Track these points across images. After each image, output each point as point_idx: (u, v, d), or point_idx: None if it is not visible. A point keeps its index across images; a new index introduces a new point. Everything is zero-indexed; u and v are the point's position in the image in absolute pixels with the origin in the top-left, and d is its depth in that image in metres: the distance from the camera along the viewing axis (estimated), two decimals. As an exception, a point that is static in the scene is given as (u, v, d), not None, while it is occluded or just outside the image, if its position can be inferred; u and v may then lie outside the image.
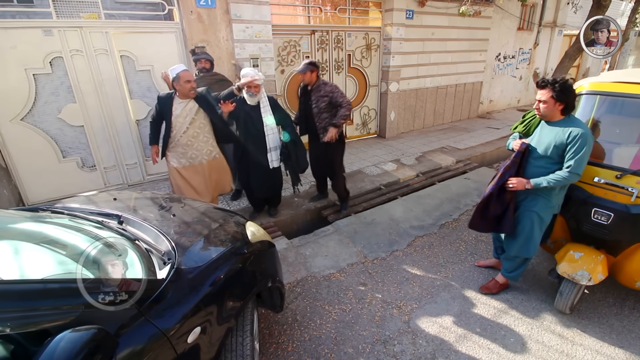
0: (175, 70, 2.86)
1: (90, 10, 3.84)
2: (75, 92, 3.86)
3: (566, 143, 2.01)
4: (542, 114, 2.10)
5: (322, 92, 3.31)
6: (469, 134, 6.96)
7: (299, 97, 3.59)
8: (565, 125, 2.04)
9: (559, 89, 1.97)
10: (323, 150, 3.49)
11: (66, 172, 4.04)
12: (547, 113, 2.07)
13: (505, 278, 2.60)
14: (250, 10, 4.48)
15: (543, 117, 2.13)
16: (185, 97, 2.94)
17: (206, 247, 1.65)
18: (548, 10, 9.20)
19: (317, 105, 3.34)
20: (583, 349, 2.16)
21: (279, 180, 3.56)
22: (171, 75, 2.87)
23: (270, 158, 3.26)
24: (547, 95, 2.01)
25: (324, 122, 3.37)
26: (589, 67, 11.77)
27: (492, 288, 2.62)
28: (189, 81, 2.87)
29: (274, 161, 3.28)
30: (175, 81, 2.86)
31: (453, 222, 3.71)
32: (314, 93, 3.34)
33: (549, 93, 2.00)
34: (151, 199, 2.17)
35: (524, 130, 2.32)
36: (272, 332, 2.31)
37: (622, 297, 2.58)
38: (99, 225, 1.59)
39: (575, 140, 1.98)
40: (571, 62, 6.21)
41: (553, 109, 2.04)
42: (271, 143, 3.23)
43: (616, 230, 2.15)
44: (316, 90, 3.33)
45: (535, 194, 2.21)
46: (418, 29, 6.48)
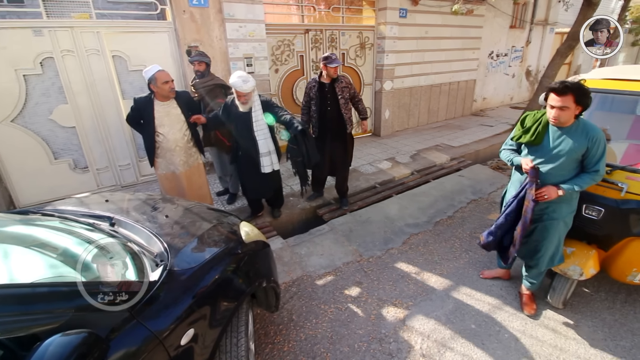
0: (150, 71, 2.72)
1: (81, 10, 3.80)
2: (66, 93, 3.82)
3: (588, 147, 1.92)
4: (560, 121, 1.93)
5: (344, 84, 3.41)
6: (462, 132, 6.99)
7: (313, 96, 3.47)
8: (582, 129, 1.94)
9: (581, 93, 1.84)
10: (345, 142, 3.61)
11: (58, 174, 4.00)
12: (566, 119, 1.92)
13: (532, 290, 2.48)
14: (243, 10, 4.46)
15: (560, 124, 1.96)
16: (166, 99, 2.83)
17: (199, 248, 1.65)
18: (539, 9, 9.27)
19: (343, 95, 3.40)
20: (576, 343, 2.19)
21: (275, 183, 3.46)
22: (146, 77, 2.74)
23: (262, 163, 3.13)
24: (570, 101, 1.85)
25: (350, 112, 3.49)
26: (580, 64, 11.88)
27: (533, 302, 2.46)
28: (167, 82, 2.75)
29: (266, 167, 3.14)
30: (152, 83, 2.73)
31: (447, 220, 3.73)
32: (338, 85, 3.39)
33: (572, 98, 1.85)
34: (144, 200, 2.15)
35: (533, 139, 2.06)
36: (268, 332, 2.31)
37: (614, 291, 2.61)
38: (90, 228, 1.58)
39: (597, 143, 1.91)
40: (562, 60, 6.27)
41: (572, 115, 1.91)
42: (262, 148, 3.08)
43: (607, 225, 2.18)
44: (338, 82, 3.39)
45: (558, 203, 2.07)
46: (412, 27, 6.50)
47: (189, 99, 3.08)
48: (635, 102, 2.49)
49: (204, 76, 3.52)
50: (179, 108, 2.92)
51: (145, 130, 2.92)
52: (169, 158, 3.00)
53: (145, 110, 2.83)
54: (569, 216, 2.13)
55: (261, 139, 3.06)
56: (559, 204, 2.08)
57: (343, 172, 3.81)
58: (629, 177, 2.10)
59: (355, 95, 3.50)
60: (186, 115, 2.97)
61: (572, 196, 2.09)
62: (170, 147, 2.95)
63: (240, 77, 2.85)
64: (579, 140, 1.94)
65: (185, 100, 2.99)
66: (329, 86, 3.39)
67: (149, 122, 2.85)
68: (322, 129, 3.56)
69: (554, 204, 2.09)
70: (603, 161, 1.96)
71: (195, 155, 3.17)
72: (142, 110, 2.85)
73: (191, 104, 3.09)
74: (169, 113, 2.87)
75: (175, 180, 3.09)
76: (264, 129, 3.06)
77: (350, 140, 3.69)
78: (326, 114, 3.48)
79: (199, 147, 3.20)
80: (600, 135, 1.92)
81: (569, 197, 2.08)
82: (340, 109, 3.42)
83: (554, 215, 2.11)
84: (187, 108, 2.98)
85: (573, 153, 1.95)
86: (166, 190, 3.14)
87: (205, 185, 3.39)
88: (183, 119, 2.96)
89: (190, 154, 3.11)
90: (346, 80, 3.44)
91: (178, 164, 3.03)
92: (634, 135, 2.38)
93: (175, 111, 2.90)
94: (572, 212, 2.14)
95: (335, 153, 3.66)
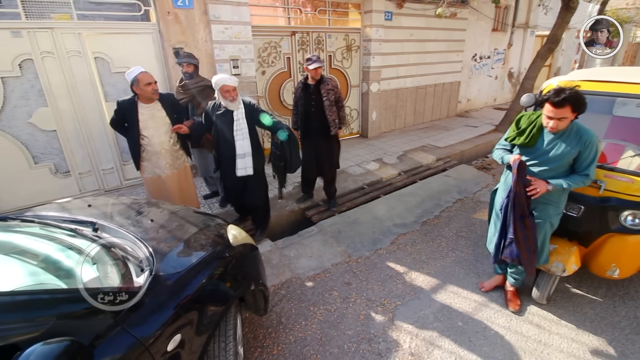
0: (132, 73, 2.67)
1: (61, 10, 3.71)
2: (46, 96, 3.71)
3: (580, 150, 1.94)
4: (559, 129, 1.94)
5: (330, 86, 3.40)
6: (448, 133, 7.11)
7: (299, 97, 3.50)
8: (576, 133, 1.95)
9: (579, 103, 1.83)
10: (330, 144, 3.60)
11: (38, 178, 3.88)
12: (564, 127, 1.93)
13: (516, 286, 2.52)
14: (229, 11, 4.43)
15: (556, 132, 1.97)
16: (149, 101, 2.78)
17: (185, 253, 1.62)
18: (520, 12, 9.52)
19: (328, 97, 3.39)
20: (560, 337, 2.24)
21: (260, 193, 3.23)
22: (128, 79, 2.69)
23: (237, 165, 2.94)
24: (568, 112, 1.85)
25: (334, 114, 3.47)
26: (559, 66, 12.24)
27: (517, 298, 2.50)
28: (150, 83, 2.69)
29: (240, 169, 2.94)
30: (135, 85, 2.68)
31: (434, 219, 3.78)
32: (323, 86, 3.38)
33: (570, 109, 1.84)
34: (128, 205, 2.11)
35: (527, 141, 2.07)
36: (257, 336, 2.29)
37: (594, 285, 2.69)
38: (72, 234, 1.54)
39: (590, 147, 1.92)
40: (543, 62, 6.45)
41: (569, 122, 1.92)
42: (239, 149, 2.91)
43: (586, 222, 2.25)
44: (324, 83, 3.38)
45: (545, 203, 2.10)
46: (397, 30, 6.58)
47: (174, 101, 3.04)
48: (612, 102, 2.58)
49: (192, 78, 3.49)
50: (163, 110, 2.87)
51: (130, 134, 2.86)
52: (154, 161, 2.95)
53: (129, 113, 2.77)
54: (555, 217, 2.15)
55: (239, 139, 2.91)
56: (545, 205, 2.11)
57: (330, 173, 3.83)
58: (607, 175, 2.18)
59: (340, 100, 3.51)
60: (171, 118, 2.92)
61: (559, 198, 2.11)
62: (155, 150, 2.90)
63: (224, 74, 2.82)
64: (571, 144, 1.95)
65: (170, 103, 2.94)
66: (314, 87, 3.41)
67: (133, 125, 2.80)
68: (306, 130, 3.58)
69: (540, 204, 2.11)
70: (593, 166, 1.97)
71: (182, 158, 3.13)
72: (125, 113, 2.79)
73: (176, 106, 3.04)
74: (154, 115, 2.83)
75: (162, 184, 3.04)
76: (243, 129, 2.92)
77: (335, 142, 3.70)
78: (310, 115, 3.49)
79: (185, 150, 3.16)
80: (593, 139, 1.93)
81: (557, 198, 2.10)
82: (325, 111, 3.42)
83: (541, 216, 2.13)
84: (171, 110, 2.93)
85: (565, 157, 1.97)
86: (152, 194, 3.09)
87: (192, 188, 3.34)
88: (168, 122, 2.91)
89: (176, 156, 3.06)
90: (333, 82, 3.44)
91: (164, 167, 2.98)
92: (611, 134, 2.47)
93: (159, 113, 2.85)
94: (559, 214, 2.16)
95: (320, 154, 3.66)
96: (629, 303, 2.52)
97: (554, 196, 2.08)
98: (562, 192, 2.10)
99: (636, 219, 2.12)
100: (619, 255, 2.26)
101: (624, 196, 2.11)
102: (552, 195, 2.07)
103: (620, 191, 2.12)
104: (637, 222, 2.12)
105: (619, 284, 2.70)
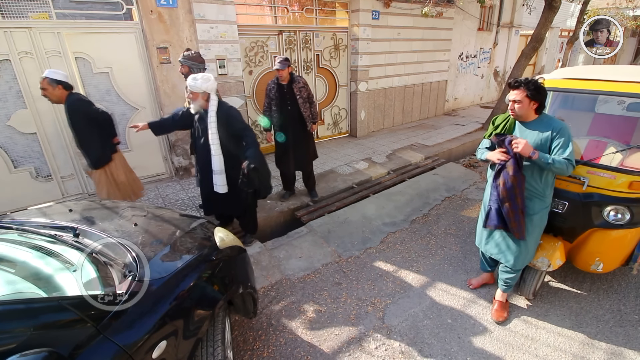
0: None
1: (40, 9, 3.59)
2: (25, 97, 3.60)
3: (552, 138, 2.00)
4: (517, 114, 2.06)
5: (301, 84, 3.58)
6: (436, 131, 7.17)
7: (273, 97, 3.61)
8: (545, 123, 2.04)
9: (533, 88, 1.96)
10: (306, 138, 3.81)
11: (18, 183, 3.76)
12: (522, 113, 2.04)
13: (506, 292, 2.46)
14: (214, 10, 4.38)
15: (518, 117, 2.09)
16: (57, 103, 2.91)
17: (171, 257, 1.59)
18: (505, 12, 9.67)
19: (301, 95, 3.58)
20: (546, 332, 2.28)
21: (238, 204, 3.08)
22: None
23: (215, 181, 2.88)
24: (522, 95, 1.98)
25: (308, 110, 3.68)
26: (544, 65, 12.49)
27: (505, 310, 2.43)
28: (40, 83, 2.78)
29: (218, 186, 2.88)
30: None
31: (423, 217, 3.80)
32: (295, 85, 3.55)
33: (523, 93, 1.98)
34: (111, 209, 2.06)
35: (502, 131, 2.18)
36: (247, 339, 2.26)
37: (579, 280, 2.74)
38: (51, 240, 1.49)
39: (560, 133, 1.98)
40: (527, 61, 6.56)
41: (528, 109, 2.02)
42: (215, 165, 2.83)
43: (571, 217, 2.29)
44: (295, 82, 3.55)
45: (529, 198, 2.13)
46: (384, 29, 6.60)
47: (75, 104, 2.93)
48: (594, 100, 2.64)
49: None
50: (65, 113, 2.89)
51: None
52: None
53: None
54: (542, 212, 2.17)
55: (215, 154, 2.81)
56: (529, 201, 2.13)
57: (307, 167, 4.02)
58: (590, 172, 2.22)
59: (310, 97, 3.68)
60: (70, 121, 2.90)
61: (544, 192, 2.13)
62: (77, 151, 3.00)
63: (194, 77, 2.69)
64: (543, 130, 2.04)
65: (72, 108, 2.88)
66: (287, 87, 3.56)
67: None
68: (284, 128, 3.70)
69: (527, 200, 2.13)
70: (571, 150, 1.97)
71: None
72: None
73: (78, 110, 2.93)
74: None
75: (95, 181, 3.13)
76: (216, 144, 2.79)
77: (310, 136, 3.90)
78: (287, 113, 3.64)
79: None
80: (563, 125, 2.00)
81: (541, 192, 2.12)
82: (300, 108, 3.59)
83: (528, 211, 2.14)
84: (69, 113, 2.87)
85: (539, 145, 2.03)
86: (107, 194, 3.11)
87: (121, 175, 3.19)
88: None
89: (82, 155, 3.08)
90: (303, 80, 3.62)
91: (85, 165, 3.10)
92: (594, 131, 2.52)
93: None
94: (547, 207, 2.18)
95: (297, 150, 3.80)
96: (613, 296, 2.58)
97: (537, 189, 2.11)
98: (546, 185, 2.12)
99: (618, 214, 2.17)
100: (603, 250, 2.31)
101: (607, 192, 2.16)
102: (535, 188, 2.10)
103: (603, 187, 2.17)
104: (619, 217, 2.17)
105: (602, 277, 2.76)
